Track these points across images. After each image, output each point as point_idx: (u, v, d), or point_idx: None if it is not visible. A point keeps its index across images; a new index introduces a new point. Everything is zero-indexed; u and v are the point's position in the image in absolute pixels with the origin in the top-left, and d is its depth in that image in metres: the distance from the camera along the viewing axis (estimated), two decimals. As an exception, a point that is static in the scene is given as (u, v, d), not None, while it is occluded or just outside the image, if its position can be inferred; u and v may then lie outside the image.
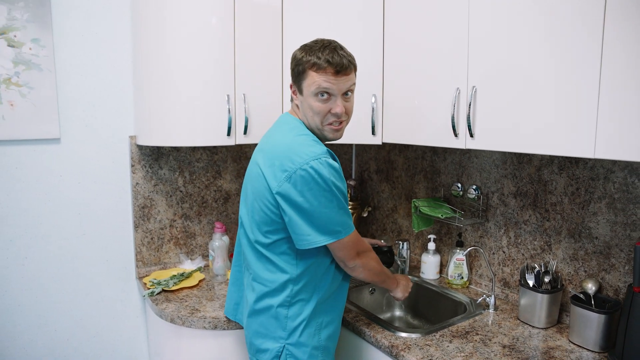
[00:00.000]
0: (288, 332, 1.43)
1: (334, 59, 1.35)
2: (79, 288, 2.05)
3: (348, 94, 1.42)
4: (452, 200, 2.12)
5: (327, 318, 1.50)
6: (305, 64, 1.38)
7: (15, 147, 1.89)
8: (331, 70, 1.35)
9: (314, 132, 1.45)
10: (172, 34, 1.85)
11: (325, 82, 1.36)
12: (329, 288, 1.48)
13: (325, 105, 1.39)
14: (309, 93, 1.39)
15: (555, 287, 1.67)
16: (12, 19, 1.80)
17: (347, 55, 1.39)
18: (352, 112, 1.47)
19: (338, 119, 1.41)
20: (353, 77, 1.42)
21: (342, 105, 1.39)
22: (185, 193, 2.21)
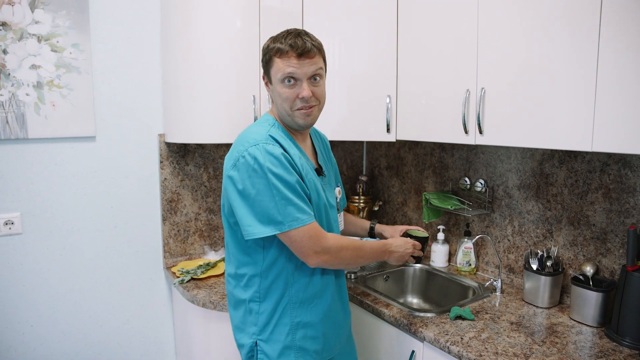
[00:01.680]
0: (259, 328, 1.41)
1: (296, 43, 1.33)
2: (111, 277, 2.19)
3: (316, 79, 1.38)
4: (460, 194, 2.28)
5: (306, 318, 1.42)
6: (270, 52, 1.38)
7: (56, 145, 2.02)
8: (294, 54, 1.33)
9: (287, 122, 1.43)
10: (199, 37, 2.00)
11: (289, 67, 1.34)
12: (306, 286, 1.42)
13: (292, 90, 1.36)
14: (277, 80, 1.37)
15: (557, 270, 1.84)
16: (55, 26, 1.95)
17: (312, 40, 1.37)
18: (324, 98, 1.44)
19: (307, 104, 1.37)
20: (319, 61, 1.38)
21: (308, 89, 1.36)
22: (210, 188, 2.35)
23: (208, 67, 2.01)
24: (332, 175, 1.59)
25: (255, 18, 2.03)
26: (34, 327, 2.04)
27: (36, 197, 2.01)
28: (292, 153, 1.38)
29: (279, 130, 1.42)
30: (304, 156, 1.45)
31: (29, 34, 1.91)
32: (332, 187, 1.56)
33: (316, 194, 1.42)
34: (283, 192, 1.29)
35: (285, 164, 1.31)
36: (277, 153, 1.31)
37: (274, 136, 1.37)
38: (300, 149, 1.45)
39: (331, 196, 1.53)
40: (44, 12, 1.92)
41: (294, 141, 1.44)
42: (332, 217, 1.50)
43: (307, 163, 1.44)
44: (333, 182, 1.59)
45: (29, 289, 2.02)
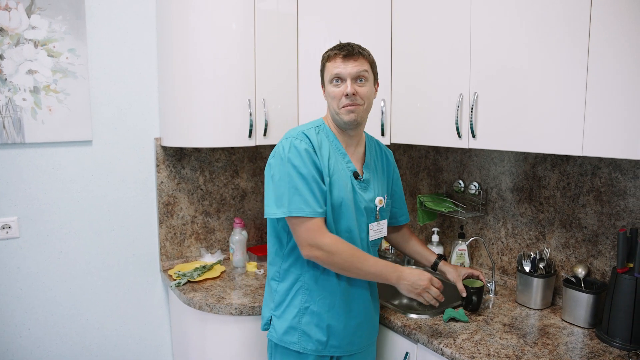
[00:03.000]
0: (275, 305, 1.61)
1: (342, 47, 1.51)
2: (108, 280, 2.21)
3: (361, 80, 1.52)
4: (454, 196, 2.30)
5: (314, 307, 1.55)
6: (323, 60, 1.57)
7: (53, 149, 2.04)
8: (340, 55, 1.50)
9: (336, 121, 1.57)
10: (195, 41, 2.01)
11: (335, 68, 1.50)
12: (317, 278, 1.55)
13: (338, 89, 1.51)
14: (327, 83, 1.55)
15: (549, 272, 1.86)
16: (52, 31, 1.96)
17: (360, 47, 1.53)
18: (370, 100, 1.56)
19: (352, 102, 1.50)
20: (364, 64, 1.52)
21: (352, 87, 1.49)
22: (206, 191, 2.37)
23: (204, 71, 2.02)
24: (378, 184, 1.66)
25: (251, 21, 2.04)
26: (31, 330, 2.05)
27: (33, 201, 2.02)
28: (323, 151, 1.53)
29: (320, 130, 1.57)
30: (341, 157, 1.58)
31: (26, 39, 1.92)
32: (372, 193, 1.63)
33: (342, 192, 1.53)
34: (295, 181, 1.45)
35: (304, 158, 1.46)
36: (300, 147, 1.47)
37: (307, 134, 1.52)
38: (341, 150, 1.59)
39: (366, 200, 1.60)
40: (40, 17, 1.93)
41: (336, 142, 1.58)
42: (360, 219, 1.59)
43: (343, 163, 1.57)
44: (377, 190, 1.65)
45: (26, 293, 2.03)
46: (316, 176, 1.47)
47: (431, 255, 1.84)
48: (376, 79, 1.61)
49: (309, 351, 1.57)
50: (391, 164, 1.79)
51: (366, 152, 1.68)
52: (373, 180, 1.65)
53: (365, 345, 1.67)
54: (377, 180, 1.67)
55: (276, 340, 1.60)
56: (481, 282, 1.77)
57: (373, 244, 1.68)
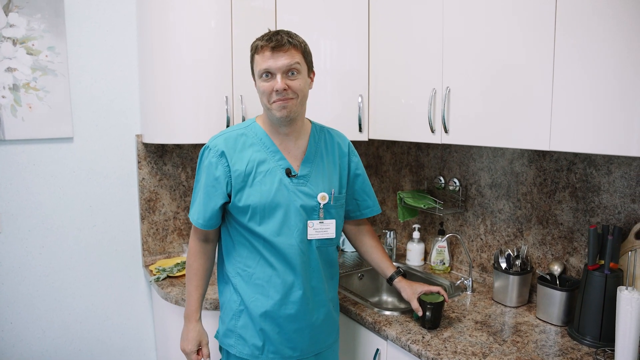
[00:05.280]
0: (220, 305, 1.63)
1: (271, 38, 1.39)
2: (91, 275, 2.23)
3: (293, 73, 1.41)
4: (435, 193, 2.28)
5: (248, 309, 1.51)
6: (251, 51, 1.46)
7: (33, 146, 2.06)
8: (268, 48, 1.39)
9: (269, 117, 1.49)
10: (175, 38, 2.02)
11: (264, 62, 1.40)
12: (245, 274, 1.52)
13: (268, 84, 1.41)
14: (257, 77, 1.45)
15: (525, 270, 1.83)
16: (30, 30, 1.98)
17: (290, 37, 1.41)
18: (303, 92, 1.46)
19: (283, 97, 1.41)
20: (295, 55, 1.41)
21: (282, 82, 1.39)
22: (188, 187, 2.38)
23: (183, 68, 2.03)
24: (322, 179, 1.54)
25: (228, 17, 2.04)
26: (13, 324, 2.09)
27: (15, 197, 2.05)
28: (244, 154, 1.48)
29: (245, 132, 1.52)
30: (271, 155, 1.50)
31: (4, 37, 1.95)
32: (312, 189, 1.52)
33: (266, 193, 1.46)
34: (196, 189, 1.54)
35: (206, 170, 1.49)
36: (205, 160, 1.50)
37: (219, 141, 1.49)
38: (272, 147, 1.50)
39: (304, 198, 1.50)
40: (18, 15, 1.96)
41: (267, 140, 1.51)
42: (296, 218, 1.48)
43: (273, 162, 1.49)
44: (321, 185, 1.53)
45: (8, 287, 2.07)
46: (212, 190, 1.48)
47: (389, 268, 1.72)
48: (311, 68, 1.50)
49: (246, 356, 1.52)
50: (345, 154, 1.63)
51: (309, 144, 1.56)
52: (315, 175, 1.53)
53: (318, 349, 1.58)
54: (322, 174, 1.54)
55: (219, 341, 1.60)
56: (442, 297, 1.65)
57: (321, 246, 1.55)
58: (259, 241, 1.49)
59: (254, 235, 1.49)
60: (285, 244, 1.48)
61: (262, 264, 1.51)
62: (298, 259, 1.50)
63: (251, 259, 1.52)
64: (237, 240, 1.54)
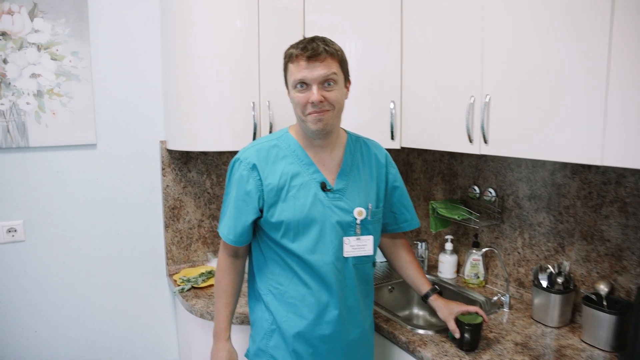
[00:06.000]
0: (251, 323, 1.57)
1: (306, 47, 1.31)
2: (114, 284, 2.19)
3: (330, 84, 1.34)
4: (469, 202, 2.18)
5: (280, 329, 1.45)
6: (285, 59, 1.38)
7: (56, 153, 2.03)
8: (303, 57, 1.31)
9: (303, 129, 1.42)
10: (199, 42, 1.96)
11: (299, 72, 1.32)
12: (278, 291, 1.45)
13: (303, 95, 1.34)
14: (291, 86, 1.37)
15: (568, 288, 1.73)
16: (55, 34, 1.94)
17: (326, 44, 1.33)
18: (340, 104, 1.39)
19: (319, 109, 1.34)
20: (332, 65, 1.33)
21: (318, 94, 1.31)
22: (213, 194, 2.32)
23: (208, 72, 1.97)
24: (359, 192, 1.47)
25: (255, 18, 1.97)
26: (37, 332, 2.06)
27: (38, 204, 2.02)
28: (277, 167, 1.41)
29: (278, 144, 1.44)
30: (305, 168, 1.43)
31: (29, 43, 1.91)
32: (348, 204, 1.45)
33: (300, 209, 1.39)
34: (226, 203, 1.48)
35: (237, 184, 1.43)
36: (236, 174, 1.44)
37: (251, 153, 1.42)
38: (306, 160, 1.44)
39: (340, 213, 1.43)
40: (43, 20, 1.92)
41: (301, 152, 1.44)
42: (332, 235, 1.42)
43: (307, 175, 1.42)
44: (357, 200, 1.46)
45: (32, 296, 2.04)
46: (242, 204, 1.41)
47: (424, 285, 1.64)
48: (347, 78, 1.42)
49: None
50: (383, 165, 1.56)
51: (344, 156, 1.48)
52: (351, 189, 1.46)
53: None
54: (358, 187, 1.47)
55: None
56: (481, 318, 1.55)
57: (358, 264, 1.47)
58: (292, 258, 1.42)
59: (287, 252, 1.42)
60: (320, 262, 1.41)
61: (295, 282, 1.44)
62: (333, 277, 1.43)
63: (284, 277, 1.45)
64: (268, 256, 1.47)
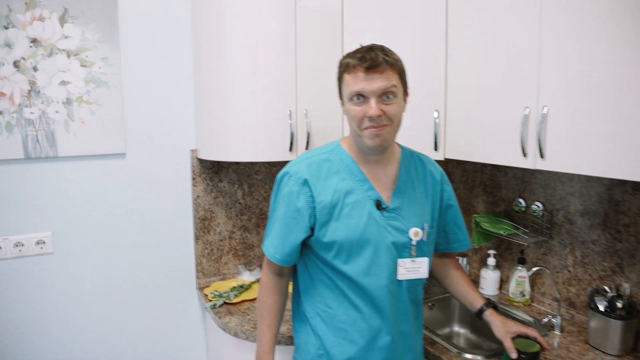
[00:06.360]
0: (296, 345, 1.49)
1: (364, 57, 1.23)
2: (143, 298, 2.12)
3: (389, 97, 1.25)
4: (513, 216, 2.07)
5: (329, 354, 1.37)
6: (341, 68, 1.31)
7: (85, 162, 1.96)
8: (361, 68, 1.23)
9: (357, 143, 1.34)
10: (231, 46, 1.88)
11: (356, 84, 1.24)
12: (327, 314, 1.37)
13: (360, 108, 1.26)
14: (346, 98, 1.30)
15: (631, 313, 1.62)
16: (85, 40, 1.87)
17: (385, 54, 1.24)
18: (399, 118, 1.30)
19: (377, 123, 1.25)
20: (392, 77, 1.25)
21: (376, 108, 1.23)
22: (244, 205, 2.24)
23: (241, 78, 1.89)
24: (415, 211, 1.38)
25: (291, 19, 1.88)
26: (66, 347, 2.00)
27: (66, 216, 1.95)
28: (329, 183, 1.33)
29: (330, 158, 1.37)
30: (359, 184, 1.35)
31: (59, 50, 1.84)
32: (403, 224, 1.36)
33: (353, 228, 1.31)
34: (272, 219, 1.40)
35: (285, 200, 1.36)
36: (285, 188, 1.36)
37: (302, 167, 1.35)
38: (360, 176, 1.35)
39: (395, 234, 1.35)
40: (73, 26, 1.84)
41: (354, 167, 1.36)
42: (386, 256, 1.33)
43: (361, 192, 1.34)
44: (413, 219, 1.37)
45: (61, 309, 1.98)
46: (292, 222, 1.33)
47: (478, 299, 1.54)
48: (406, 89, 1.33)
49: None
50: (438, 182, 1.48)
51: (399, 173, 1.40)
52: (407, 208, 1.37)
53: None
54: (414, 206, 1.38)
55: None
56: (539, 345, 1.43)
57: (410, 286, 1.39)
58: (343, 281, 1.34)
59: (338, 274, 1.33)
60: (374, 286, 1.32)
61: (345, 306, 1.35)
62: (386, 301, 1.34)
63: (333, 300, 1.36)
64: (316, 277, 1.39)
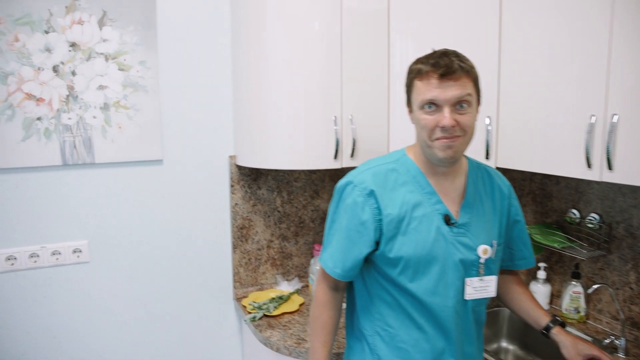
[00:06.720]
0: None
1: (438, 63, 1.15)
2: (179, 308, 2.07)
3: (463, 106, 1.17)
4: (566, 227, 1.97)
5: None
6: (411, 74, 1.23)
7: (122, 169, 1.90)
8: (435, 75, 1.15)
9: (426, 154, 1.25)
10: (272, 48, 1.81)
11: (429, 91, 1.16)
12: (386, 333, 1.30)
13: (431, 117, 1.18)
14: (416, 106, 1.21)
15: (701, 335, 1.52)
16: (123, 43, 1.81)
17: (460, 60, 1.18)
18: (472, 129, 1.22)
19: (449, 134, 1.17)
20: (467, 85, 1.17)
21: (450, 117, 1.15)
22: (283, 213, 2.17)
23: (282, 81, 1.82)
24: (483, 227, 1.30)
25: (336, 20, 1.80)
26: (101, 357, 1.95)
27: (103, 224, 1.90)
28: (396, 195, 1.25)
29: (396, 168, 1.29)
30: (427, 197, 1.27)
31: (97, 53, 1.78)
32: (472, 241, 1.28)
33: (421, 244, 1.23)
34: (332, 230, 1.33)
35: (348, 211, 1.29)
36: (348, 199, 1.29)
37: (367, 177, 1.27)
38: (427, 188, 1.28)
39: (464, 251, 1.27)
40: (112, 29, 1.79)
41: (422, 179, 1.28)
42: (453, 275, 1.25)
43: (429, 206, 1.26)
44: (482, 236, 1.29)
45: (97, 319, 1.93)
46: (356, 235, 1.26)
47: (543, 316, 1.42)
48: (479, 99, 1.25)
49: None
50: (506, 197, 1.39)
51: (467, 186, 1.32)
52: (476, 224, 1.29)
53: None
54: (482, 222, 1.31)
55: None
56: None
57: (476, 305, 1.31)
58: (406, 299, 1.26)
59: (402, 291, 1.25)
60: (440, 305, 1.24)
61: (407, 325, 1.27)
62: (452, 322, 1.26)
63: (394, 318, 1.28)
64: (375, 293, 1.31)
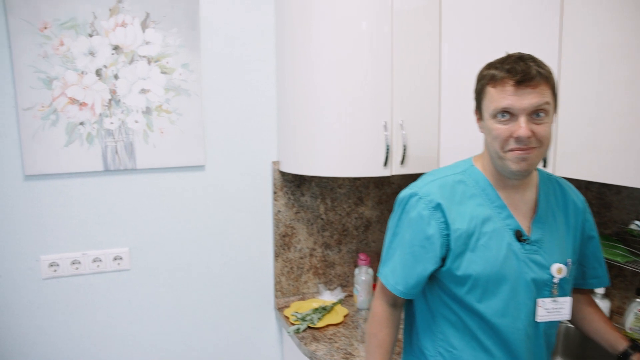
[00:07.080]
0: None
1: (514, 68, 1.07)
2: (219, 316, 2.01)
3: (539, 115, 1.08)
4: (628, 240, 1.86)
5: None
6: (483, 80, 1.14)
7: (164, 175, 1.85)
8: (511, 81, 1.07)
9: (497, 166, 1.17)
10: (318, 51, 1.74)
11: (504, 99, 1.08)
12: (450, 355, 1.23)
13: (505, 127, 1.09)
14: (488, 115, 1.13)
15: None
16: (165, 46, 1.75)
17: (538, 65, 1.08)
18: (549, 140, 1.12)
19: (525, 145, 1.08)
20: (545, 93, 1.08)
21: (526, 128, 1.06)
22: (327, 221, 2.10)
23: (328, 87, 1.74)
24: (557, 244, 1.22)
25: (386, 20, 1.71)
26: (142, 367, 1.92)
27: (144, 231, 1.86)
28: (464, 209, 1.17)
29: (464, 179, 1.21)
30: (496, 211, 1.18)
31: (139, 56, 1.73)
32: (547, 258, 1.19)
33: (491, 261, 1.14)
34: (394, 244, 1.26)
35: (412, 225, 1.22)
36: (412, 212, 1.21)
37: (433, 189, 1.20)
38: (497, 202, 1.19)
39: (536, 270, 1.18)
40: (154, 31, 1.73)
41: (491, 191, 1.20)
42: (525, 295, 1.16)
43: (499, 220, 1.17)
44: (555, 254, 1.21)
45: (138, 327, 1.90)
46: (420, 251, 1.18)
47: (619, 340, 1.29)
48: (557, 106, 1.15)
49: None
50: (580, 211, 1.30)
51: (539, 199, 1.23)
52: (549, 240, 1.20)
53: None
54: (556, 238, 1.21)
55: None
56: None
57: (548, 328, 1.22)
58: (473, 319, 1.17)
59: (469, 312, 1.17)
60: (510, 327, 1.16)
61: (473, 347, 1.19)
62: (522, 345, 1.17)
63: (459, 339, 1.20)
64: (438, 312, 1.23)
